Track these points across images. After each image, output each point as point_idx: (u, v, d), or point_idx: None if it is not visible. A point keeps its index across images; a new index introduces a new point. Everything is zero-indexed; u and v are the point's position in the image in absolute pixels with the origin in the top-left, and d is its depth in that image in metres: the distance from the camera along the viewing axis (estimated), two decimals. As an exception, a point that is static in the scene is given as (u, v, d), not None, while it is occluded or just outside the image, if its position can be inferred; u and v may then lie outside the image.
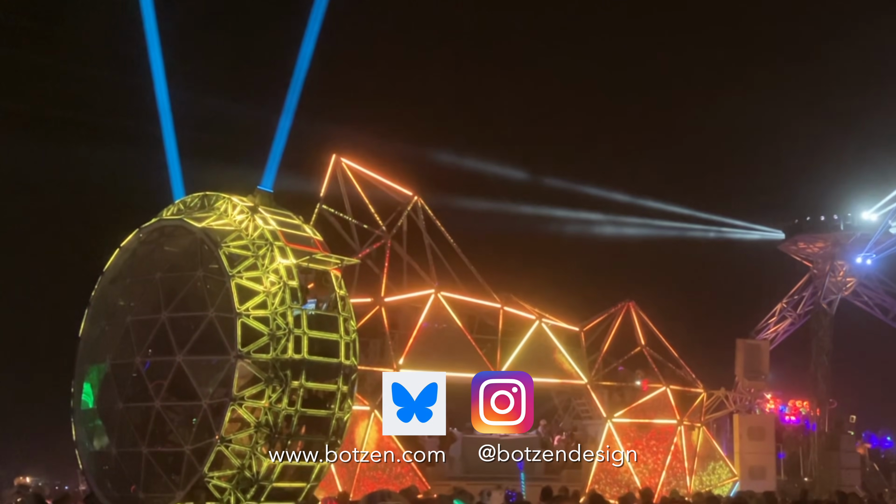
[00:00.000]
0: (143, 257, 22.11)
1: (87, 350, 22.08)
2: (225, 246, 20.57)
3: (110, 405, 20.97)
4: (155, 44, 24.70)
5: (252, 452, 19.72)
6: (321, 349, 20.68)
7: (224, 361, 19.86)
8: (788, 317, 51.21)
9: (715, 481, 34.70)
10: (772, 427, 40.22)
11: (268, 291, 20.30)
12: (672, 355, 34.50)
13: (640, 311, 34.02)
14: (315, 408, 20.57)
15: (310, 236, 22.05)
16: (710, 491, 31.24)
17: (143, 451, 20.26)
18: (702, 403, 34.97)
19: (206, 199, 22.31)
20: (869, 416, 50.65)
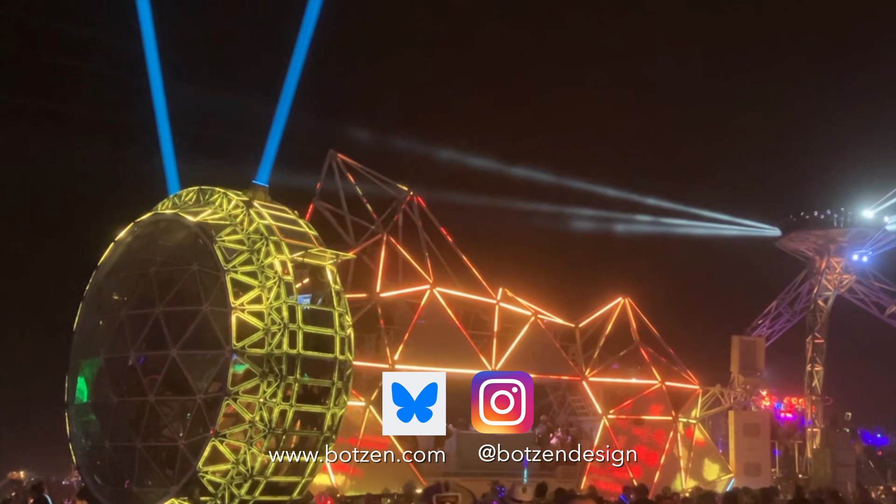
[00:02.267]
0: (137, 251, 22.02)
1: (81, 344, 22.00)
2: (220, 240, 20.48)
3: (104, 399, 20.91)
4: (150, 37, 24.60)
5: (247, 447, 19.66)
6: (316, 344, 20.61)
7: (218, 356, 19.79)
8: (784, 313, 51.31)
9: (710, 478, 34.73)
10: (767, 424, 40.33)
11: (263, 286, 20.23)
12: (667, 351, 34.53)
13: (636, 307, 34.04)
14: (310, 403, 20.52)
15: (305, 231, 21.97)
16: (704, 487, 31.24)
17: (138, 446, 20.18)
18: (697, 400, 34.98)
19: (202, 193, 22.21)
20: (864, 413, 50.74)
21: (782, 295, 51.49)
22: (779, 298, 51.53)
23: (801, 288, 51.12)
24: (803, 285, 51.07)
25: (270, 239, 20.70)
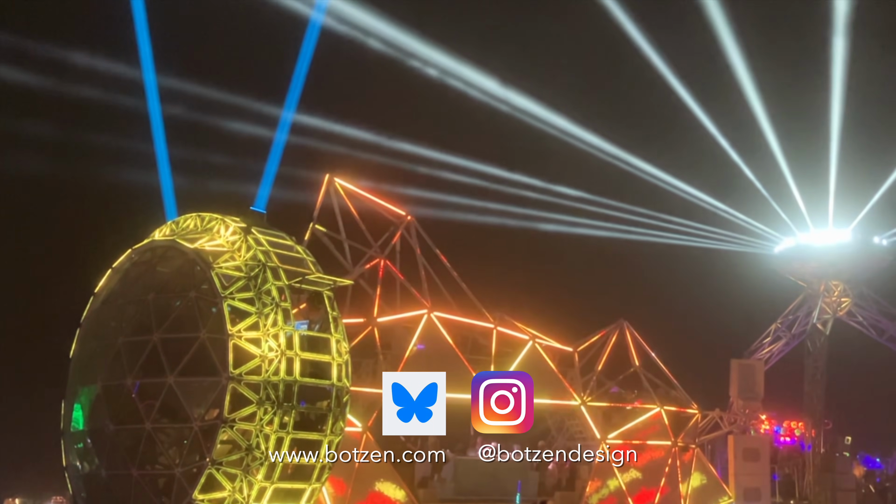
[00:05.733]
0: (135, 278, 22.00)
1: (78, 371, 21.94)
2: (217, 267, 20.47)
3: (101, 427, 20.82)
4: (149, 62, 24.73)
5: (243, 475, 19.55)
6: (313, 371, 20.56)
7: (215, 383, 19.72)
8: (783, 337, 51.16)
9: (709, 503, 34.53)
10: (767, 448, 40.12)
11: (260, 312, 20.19)
12: (666, 375, 34.39)
13: (634, 331, 33.94)
14: (307, 430, 20.42)
15: (303, 257, 21.96)
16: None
17: (134, 474, 20.09)
18: (696, 424, 34.84)
19: (200, 219, 22.22)
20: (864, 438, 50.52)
21: (781, 318, 51.37)
22: (777, 322, 51.42)
23: (799, 311, 51.03)
24: (801, 308, 50.98)
25: (268, 265, 20.69)
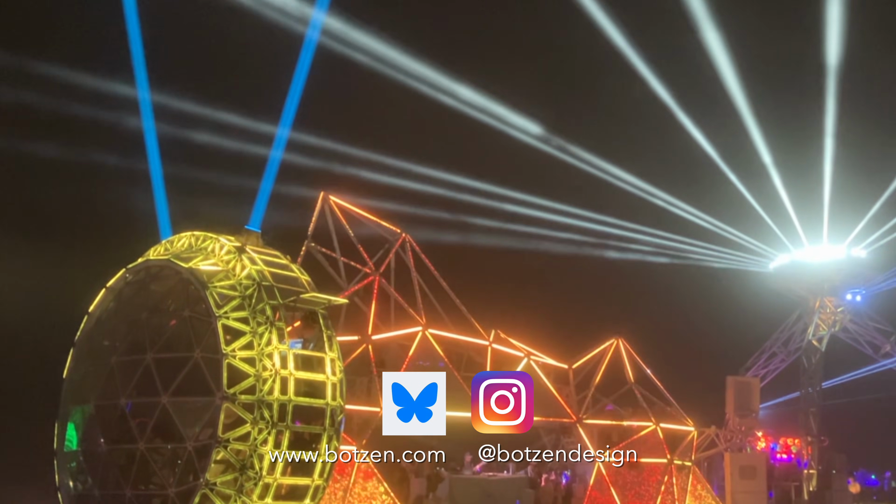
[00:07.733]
0: (129, 297, 21.96)
1: (72, 391, 21.86)
2: (212, 286, 20.45)
3: (94, 447, 20.74)
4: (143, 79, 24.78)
5: (237, 496, 19.47)
6: (308, 390, 20.52)
7: (209, 403, 19.67)
8: (779, 353, 51.13)
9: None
10: (763, 466, 40.00)
11: (254, 332, 20.15)
12: (662, 392, 34.33)
13: (630, 348, 33.93)
14: (301, 449, 20.35)
15: (297, 276, 21.94)
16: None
17: (127, 494, 19.99)
18: (692, 442, 34.77)
19: (194, 238, 22.21)
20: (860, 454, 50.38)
21: (776, 334, 51.36)
22: (773, 338, 51.40)
23: (794, 327, 51.03)
24: (797, 325, 50.98)
25: (263, 284, 20.67)
